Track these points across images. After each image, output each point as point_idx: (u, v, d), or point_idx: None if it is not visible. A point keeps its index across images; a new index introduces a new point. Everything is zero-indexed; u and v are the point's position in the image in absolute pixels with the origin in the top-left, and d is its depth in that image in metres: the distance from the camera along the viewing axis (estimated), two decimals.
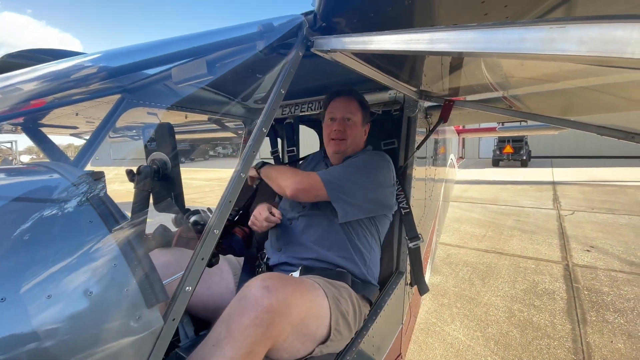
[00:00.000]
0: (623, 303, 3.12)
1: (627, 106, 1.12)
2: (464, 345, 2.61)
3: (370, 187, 1.36)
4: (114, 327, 0.57)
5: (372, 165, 1.41)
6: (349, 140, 1.49)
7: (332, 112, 1.51)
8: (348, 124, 1.49)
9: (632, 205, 7.08)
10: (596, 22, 0.29)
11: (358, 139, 1.53)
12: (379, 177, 1.39)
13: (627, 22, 0.27)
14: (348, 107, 1.49)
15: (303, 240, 1.37)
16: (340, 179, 1.33)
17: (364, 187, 1.35)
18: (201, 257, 0.71)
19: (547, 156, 21.88)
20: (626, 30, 0.27)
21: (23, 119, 1.75)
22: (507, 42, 0.36)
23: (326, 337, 1.04)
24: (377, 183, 1.38)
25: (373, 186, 1.37)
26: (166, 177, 0.84)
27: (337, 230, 1.36)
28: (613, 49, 0.27)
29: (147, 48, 0.94)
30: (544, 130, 7.37)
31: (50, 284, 0.53)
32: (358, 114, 1.50)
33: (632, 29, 0.26)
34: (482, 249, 4.77)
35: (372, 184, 1.37)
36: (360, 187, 1.34)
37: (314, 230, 1.38)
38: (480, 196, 9.06)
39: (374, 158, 1.44)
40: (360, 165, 1.40)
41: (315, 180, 1.32)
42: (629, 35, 0.27)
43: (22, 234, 0.57)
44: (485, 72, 1.23)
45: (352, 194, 1.32)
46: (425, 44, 0.49)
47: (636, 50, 0.26)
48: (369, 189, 1.36)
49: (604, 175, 12.36)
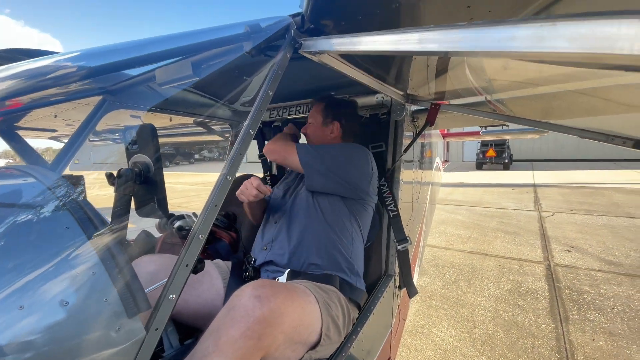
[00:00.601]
0: (603, 301, 3.22)
1: (607, 109, 1.16)
2: (452, 346, 2.63)
3: (343, 164, 1.42)
4: (92, 338, 0.54)
5: (348, 148, 1.51)
6: (310, 140, 1.66)
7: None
8: (309, 126, 1.66)
9: (609, 207, 7.34)
10: (586, 19, 0.29)
11: (320, 138, 1.63)
12: (352, 157, 1.44)
13: (616, 18, 0.27)
14: (311, 113, 1.68)
15: (288, 237, 1.37)
16: (314, 148, 1.47)
17: (335, 160, 1.43)
18: (185, 263, 0.68)
19: (528, 159, 22.57)
20: (615, 26, 0.27)
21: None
22: (497, 40, 0.36)
23: (316, 343, 1.02)
24: (350, 163, 1.43)
25: (345, 164, 1.43)
26: (148, 181, 0.81)
27: (321, 226, 1.37)
28: (604, 45, 0.28)
29: (130, 47, 0.91)
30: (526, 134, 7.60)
31: (23, 295, 0.50)
32: (317, 116, 1.63)
33: (621, 25, 0.27)
34: (467, 251, 4.84)
35: (345, 162, 1.43)
36: (332, 159, 1.43)
37: (298, 228, 1.38)
38: (464, 199, 9.23)
39: (350, 145, 1.55)
40: (337, 146, 1.52)
41: (290, 144, 1.50)
42: (619, 31, 0.27)
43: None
44: (470, 76, 1.25)
45: (322, 162, 1.41)
46: (414, 44, 0.49)
47: (626, 45, 0.26)
48: (340, 165, 1.42)
49: (582, 177, 12.81)
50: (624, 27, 0.26)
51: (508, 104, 1.56)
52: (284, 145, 1.52)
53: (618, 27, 0.27)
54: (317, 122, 1.62)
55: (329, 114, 1.61)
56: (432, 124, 1.70)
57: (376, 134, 1.82)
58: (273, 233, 1.42)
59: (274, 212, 1.53)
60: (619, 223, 5.95)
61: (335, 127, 1.61)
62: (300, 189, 1.52)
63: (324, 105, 1.63)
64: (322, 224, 1.37)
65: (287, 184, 1.63)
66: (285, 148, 1.50)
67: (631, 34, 0.26)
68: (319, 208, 1.40)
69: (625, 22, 0.26)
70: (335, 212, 1.40)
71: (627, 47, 0.26)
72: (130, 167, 0.81)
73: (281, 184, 1.68)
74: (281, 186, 1.65)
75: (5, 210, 0.60)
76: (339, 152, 1.47)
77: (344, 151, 1.47)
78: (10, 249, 0.54)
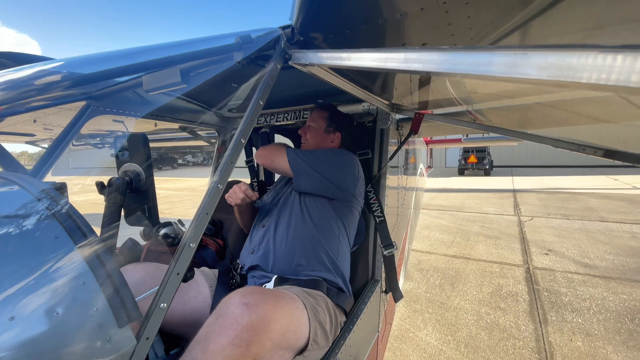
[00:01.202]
0: (580, 303, 3.35)
1: (577, 120, 1.23)
2: (437, 349, 2.68)
3: (330, 166, 1.47)
4: (83, 349, 0.54)
5: (335, 151, 1.55)
6: (308, 143, 1.67)
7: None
8: (309, 129, 1.67)
9: (584, 211, 7.67)
10: (554, 50, 0.32)
11: (320, 143, 1.66)
12: (339, 160, 1.49)
13: (581, 51, 0.31)
14: (313, 117, 1.69)
15: (274, 238, 1.39)
16: (302, 151, 1.50)
17: (323, 162, 1.46)
18: (177, 272, 0.68)
19: (508, 165, 23.33)
20: (580, 57, 0.31)
21: None
22: (476, 64, 0.39)
23: (304, 348, 1.03)
24: (337, 165, 1.48)
25: (332, 166, 1.47)
26: (139, 190, 0.81)
27: (307, 227, 1.39)
28: (569, 74, 0.31)
29: (119, 56, 0.91)
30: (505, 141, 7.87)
31: (13, 305, 0.49)
32: (321, 122, 1.66)
33: (586, 57, 0.30)
34: (450, 255, 4.95)
35: (332, 164, 1.47)
36: (319, 161, 1.46)
37: (285, 228, 1.40)
38: (447, 204, 9.43)
39: (339, 150, 1.58)
40: (324, 150, 1.56)
41: (280, 148, 1.53)
42: (584, 62, 0.30)
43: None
44: (450, 89, 1.31)
45: (310, 164, 1.44)
46: (400, 63, 0.52)
47: (590, 75, 0.30)
48: (327, 167, 1.46)
49: (558, 183, 13.33)
50: (585, 58, 0.30)
51: (486, 114, 1.63)
52: (273, 149, 1.55)
53: (584, 59, 0.30)
54: (320, 128, 1.66)
55: (333, 123, 1.66)
56: (416, 132, 1.76)
57: (363, 141, 1.86)
58: (260, 235, 1.44)
59: (262, 216, 1.55)
60: (594, 227, 6.21)
61: (336, 137, 1.67)
62: (288, 193, 1.55)
63: (329, 114, 1.67)
64: (308, 224, 1.39)
65: (276, 191, 1.65)
66: (274, 152, 1.53)
67: (592, 65, 0.30)
68: (306, 210, 1.43)
69: (585, 54, 0.30)
70: (322, 213, 1.42)
71: (586, 77, 0.30)
72: (120, 177, 0.81)
73: (271, 192, 1.70)
74: (270, 193, 1.67)
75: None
76: (326, 155, 1.50)
77: (331, 154, 1.51)
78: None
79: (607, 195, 9.90)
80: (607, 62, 0.29)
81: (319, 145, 1.66)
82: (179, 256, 0.69)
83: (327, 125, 1.65)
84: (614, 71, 0.29)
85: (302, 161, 1.45)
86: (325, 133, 1.65)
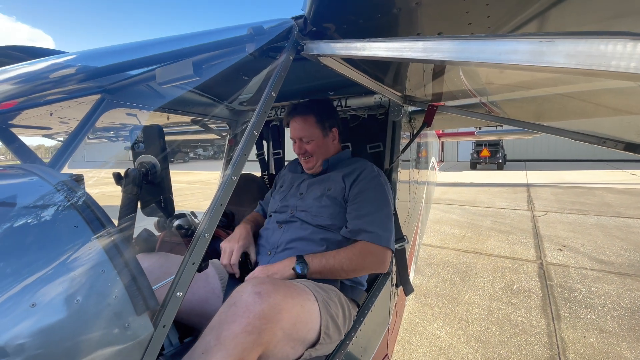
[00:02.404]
0: (594, 299, 3.29)
1: (597, 112, 1.19)
2: (446, 343, 2.67)
3: (389, 209, 1.42)
4: (102, 335, 0.55)
5: (381, 192, 1.43)
6: (315, 156, 1.54)
7: (291, 133, 1.56)
8: (308, 144, 1.53)
9: (600, 206, 7.47)
10: (583, 37, 0.31)
11: (325, 149, 1.57)
12: (387, 197, 1.44)
13: (611, 38, 0.29)
14: (302, 128, 1.52)
15: (292, 246, 1.37)
16: (376, 224, 1.34)
17: (387, 214, 1.40)
18: (192, 261, 0.70)
19: (521, 159, 22.84)
20: (610, 45, 0.29)
21: None
22: (499, 53, 0.38)
23: (315, 341, 1.04)
24: (388, 202, 1.43)
25: (389, 207, 1.43)
26: (155, 181, 0.82)
27: (328, 230, 1.38)
28: (599, 62, 0.30)
29: (133, 48, 0.91)
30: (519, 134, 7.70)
31: (34, 292, 0.51)
32: (314, 129, 1.52)
33: (616, 44, 0.29)
34: (461, 250, 4.90)
35: (388, 206, 1.42)
36: (385, 216, 1.39)
37: (304, 236, 1.38)
38: (459, 198, 9.32)
39: (375, 182, 1.45)
40: (374, 197, 1.41)
41: (367, 248, 1.31)
42: (613, 49, 0.29)
43: (2, 241, 0.54)
44: (464, 80, 1.28)
45: (385, 225, 1.37)
46: (418, 52, 0.51)
47: (620, 63, 0.29)
48: (388, 212, 1.41)
49: (574, 177, 13.01)
50: (615, 45, 0.29)
51: (502, 106, 1.59)
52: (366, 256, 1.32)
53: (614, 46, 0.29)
54: (318, 136, 1.54)
55: (325, 123, 1.55)
56: (429, 124, 1.73)
57: (374, 134, 1.84)
58: (278, 238, 1.42)
59: (277, 214, 1.52)
60: (610, 222, 6.06)
61: (334, 133, 1.60)
62: (306, 193, 1.51)
63: (315, 119, 1.53)
64: (329, 227, 1.38)
65: (287, 186, 1.62)
66: (372, 256, 1.33)
67: (623, 53, 0.29)
68: (326, 213, 1.40)
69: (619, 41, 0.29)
70: (339, 214, 1.41)
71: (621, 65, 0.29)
72: (136, 168, 0.82)
73: (280, 188, 1.67)
74: (281, 190, 1.64)
75: (14, 209, 0.61)
76: (384, 204, 1.41)
77: (383, 199, 1.42)
78: (20, 248, 0.55)
79: (625, 191, 9.63)
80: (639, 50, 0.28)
81: (326, 151, 1.57)
82: (194, 246, 0.70)
83: (322, 129, 1.55)
84: None
85: (383, 232, 1.34)
86: (325, 137, 1.56)
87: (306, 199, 1.48)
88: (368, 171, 1.48)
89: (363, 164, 1.53)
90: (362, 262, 1.29)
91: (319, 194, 1.45)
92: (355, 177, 1.46)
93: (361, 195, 1.41)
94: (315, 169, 1.57)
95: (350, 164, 1.54)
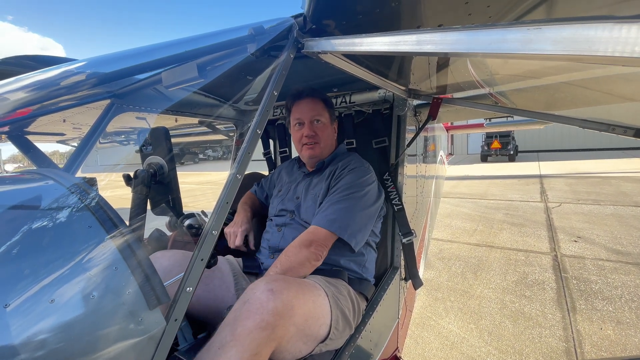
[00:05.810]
0: (611, 291, 3.22)
1: (606, 99, 1.17)
2: (459, 337, 2.66)
3: (366, 206, 1.35)
4: (116, 329, 0.58)
5: (358, 185, 1.36)
6: (322, 143, 1.48)
7: (299, 116, 1.47)
8: (317, 125, 1.47)
9: (617, 196, 7.29)
10: (568, 23, 0.31)
11: (330, 140, 1.55)
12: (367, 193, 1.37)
13: (595, 23, 0.29)
14: (315, 109, 1.45)
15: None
16: (338, 215, 1.28)
17: (362, 211, 1.32)
18: (200, 257, 0.72)
19: (533, 150, 22.39)
20: (595, 30, 0.29)
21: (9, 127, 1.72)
22: (489, 42, 0.38)
23: (326, 336, 1.06)
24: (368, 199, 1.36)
25: (367, 204, 1.35)
26: (163, 181, 0.84)
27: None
28: (584, 47, 0.30)
29: (138, 54, 0.94)
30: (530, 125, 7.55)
31: (52, 289, 0.54)
32: (325, 114, 1.49)
33: (600, 29, 0.29)
34: (473, 243, 4.85)
35: (366, 203, 1.35)
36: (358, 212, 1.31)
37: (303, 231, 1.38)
38: (470, 191, 9.21)
39: (356, 174, 1.39)
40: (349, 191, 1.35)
41: (318, 233, 1.25)
42: (599, 34, 0.29)
43: (22, 241, 0.57)
44: (472, 70, 1.27)
45: (355, 222, 1.29)
46: (413, 45, 0.51)
47: (605, 48, 0.29)
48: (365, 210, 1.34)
49: (588, 167, 12.70)
50: (602, 30, 0.29)
51: (510, 96, 1.57)
52: (314, 238, 1.24)
53: (598, 31, 0.29)
54: (327, 121, 1.50)
55: (332, 111, 1.55)
56: (434, 117, 1.72)
57: (379, 130, 1.84)
58: (278, 241, 1.42)
59: (276, 218, 1.52)
60: (627, 212, 5.91)
61: (335, 127, 1.60)
62: (302, 196, 1.49)
63: (324, 104, 1.50)
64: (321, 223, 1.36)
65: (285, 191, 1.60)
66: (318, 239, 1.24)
67: (607, 37, 0.29)
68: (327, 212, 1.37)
69: (601, 25, 0.29)
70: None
71: (607, 50, 0.29)
72: (145, 169, 0.85)
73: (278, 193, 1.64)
74: (279, 195, 1.62)
75: (32, 212, 0.64)
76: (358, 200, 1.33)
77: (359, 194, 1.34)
78: (38, 247, 0.58)
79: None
80: (623, 34, 0.28)
81: (331, 140, 1.55)
82: (202, 243, 0.73)
83: (330, 115, 1.52)
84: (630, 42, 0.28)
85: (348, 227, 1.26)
86: (331, 124, 1.54)
87: (302, 202, 1.47)
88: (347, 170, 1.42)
89: (348, 160, 1.48)
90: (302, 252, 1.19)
91: (313, 196, 1.45)
92: (334, 173, 1.44)
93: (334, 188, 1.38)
94: (316, 159, 1.52)
95: (341, 159, 1.51)
